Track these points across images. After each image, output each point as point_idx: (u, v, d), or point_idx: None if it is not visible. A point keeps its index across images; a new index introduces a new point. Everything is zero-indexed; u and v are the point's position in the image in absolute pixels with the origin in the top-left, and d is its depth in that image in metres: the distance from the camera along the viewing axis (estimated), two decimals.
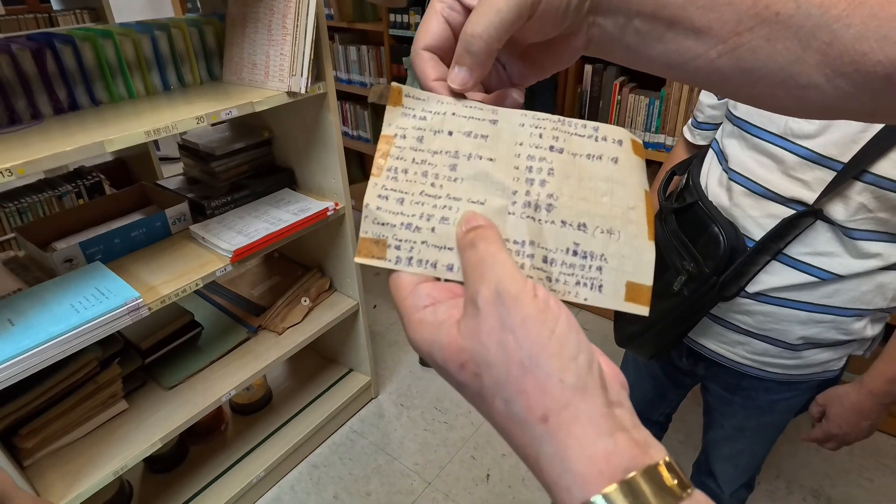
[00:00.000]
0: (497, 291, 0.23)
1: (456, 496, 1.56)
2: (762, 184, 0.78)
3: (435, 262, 0.27)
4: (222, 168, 1.42)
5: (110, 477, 1.14)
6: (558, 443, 0.21)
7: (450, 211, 0.28)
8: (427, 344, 0.25)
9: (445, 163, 0.29)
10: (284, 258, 1.80)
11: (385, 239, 0.27)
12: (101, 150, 0.93)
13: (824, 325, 0.80)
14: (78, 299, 1.02)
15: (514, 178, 0.29)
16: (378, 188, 0.28)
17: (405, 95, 0.30)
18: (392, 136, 0.29)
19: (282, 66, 1.19)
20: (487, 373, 0.22)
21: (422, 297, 0.26)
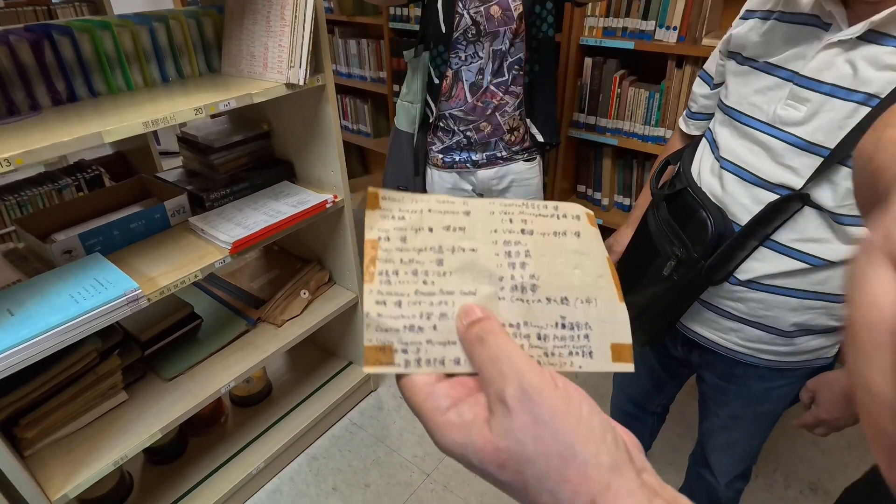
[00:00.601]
0: (522, 388, 0.24)
1: (455, 488, 1.57)
2: (751, 171, 0.79)
3: (442, 359, 0.28)
4: (221, 160, 1.42)
5: (110, 467, 1.15)
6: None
7: (447, 306, 0.29)
8: (459, 447, 0.25)
9: (432, 259, 0.30)
10: (284, 251, 1.80)
11: (391, 344, 0.28)
12: (99, 140, 0.93)
13: (816, 312, 0.81)
14: (77, 290, 1.02)
15: (497, 265, 0.31)
16: (374, 294, 0.29)
17: (381, 198, 0.31)
18: (377, 240, 0.30)
19: (280, 58, 1.19)
20: (529, 469, 0.23)
21: (441, 398, 0.26)
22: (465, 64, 1.46)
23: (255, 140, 1.49)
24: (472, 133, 1.54)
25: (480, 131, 1.53)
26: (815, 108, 0.71)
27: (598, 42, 1.80)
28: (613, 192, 2.10)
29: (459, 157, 1.59)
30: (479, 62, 1.45)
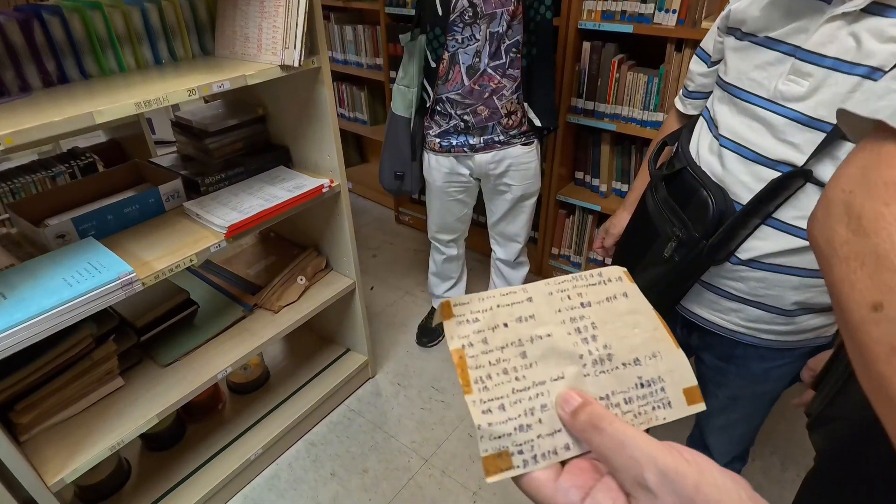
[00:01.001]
0: (661, 471, 0.25)
1: (453, 473, 1.57)
2: (752, 148, 0.78)
3: (555, 450, 0.29)
4: (216, 145, 1.41)
5: (107, 452, 1.14)
6: None
7: (544, 397, 0.31)
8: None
9: (516, 353, 0.32)
10: (280, 238, 1.79)
11: (506, 450, 0.29)
12: (90, 121, 0.91)
13: (817, 290, 0.80)
14: (70, 273, 1.01)
15: (573, 343, 0.33)
16: (478, 405, 0.30)
17: (454, 305, 0.33)
18: (461, 349, 0.32)
19: (275, 39, 1.17)
20: None
21: (571, 491, 0.27)
22: (461, 47, 1.44)
23: (250, 124, 1.48)
24: (470, 117, 1.52)
25: (478, 115, 1.52)
26: (818, 83, 0.70)
27: (596, 26, 1.78)
28: (612, 179, 2.09)
29: (457, 142, 1.58)
30: (475, 45, 1.43)
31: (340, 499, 1.51)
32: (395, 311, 2.23)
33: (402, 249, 2.66)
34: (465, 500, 1.50)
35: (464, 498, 1.50)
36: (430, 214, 1.85)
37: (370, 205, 3.06)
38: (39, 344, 0.96)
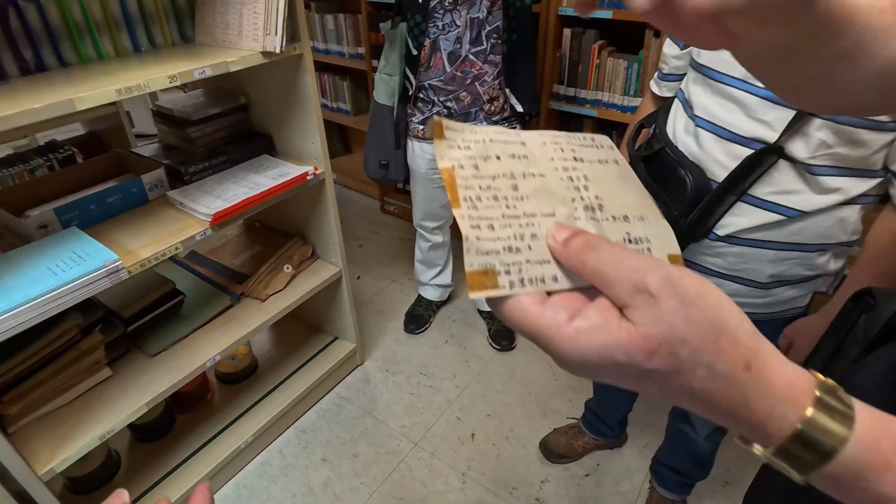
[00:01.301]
0: (665, 276, 0.25)
1: (442, 455, 1.60)
2: (727, 127, 0.81)
3: (542, 278, 0.28)
4: (199, 134, 1.40)
5: (96, 441, 1.15)
6: (763, 382, 0.24)
7: (533, 227, 0.30)
8: (600, 349, 0.24)
9: (507, 185, 0.31)
10: (265, 227, 1.79)
11: (493, 268, 0.28)
12: (71, 107, 0.91)
13: (792, 262, 0.84)
14: (55, 262, 1.01)
15: (565, 188, 0.32)
16: (467, 219, 0.29)
17: (445, 128, 0.32)
18: (451, 168, 0.31)
19: (255, 26, 1.17)
20: (683, 348, 0.24)
21: (559, 309, 0.26)
22: (442, 33, 1.45)
23: (232, 113, 1.47)
24: (452, 103, 1.54)
25: (460, 101, 1.53)
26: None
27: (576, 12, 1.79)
28: None
29: None
30: (456, 31, 1.44)
31: (332, 483, 1.53)
32: (382, 300, 2.25)
33: (387, 239, 2.67)
34: (454, 480, 1.53)
35: (453, 478, 1.53)
36: (415, 202, 1.86)
37: (355, 195, 3.06)
38: (25, 334, 0.96)
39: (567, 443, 1.56)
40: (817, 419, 0.23)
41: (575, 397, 1.77)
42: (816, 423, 0.23)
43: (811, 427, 0.23)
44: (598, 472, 1.55)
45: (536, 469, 1.56)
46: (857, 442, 0.23)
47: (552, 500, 1.48)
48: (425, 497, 1.49)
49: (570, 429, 1.59)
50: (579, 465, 1.56)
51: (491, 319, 2.05)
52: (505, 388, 1.82)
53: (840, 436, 0.23)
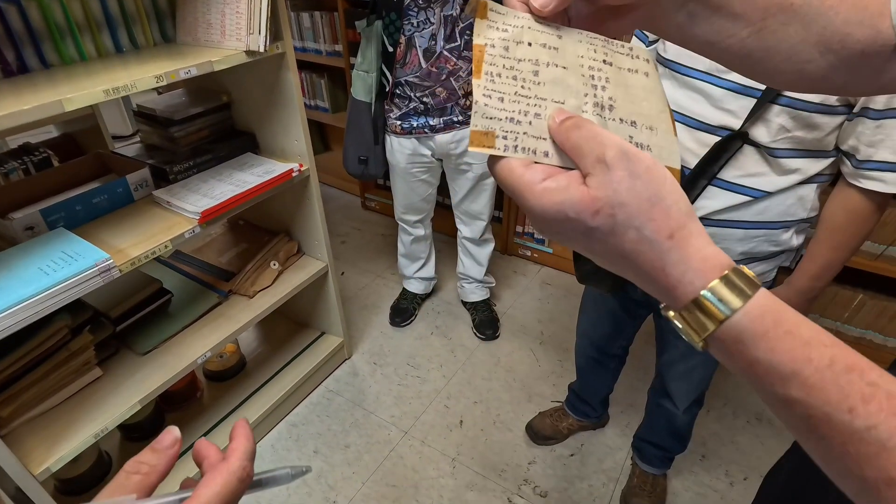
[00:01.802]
0: (622, 150, 0.29)
1: (432, 442, 1.64)
2: (695, 117, 0.87)
3: (535, 150, 0.32)
4: (182, 133, 1.41)
5: (91, 440, 1.16)
6: (681, 251, 0.28)
7: (540, 108, 0.33)
8: (556, 205, 0.29)
9: (529, 69, 0.34)
10: (250, 224, 1.80)
11: (493, 131, 0.32)
12: (59, 109, 0.92)
13: (759, 240, 0.91)
14: (46, 262, 1.01)
15: (583, 83, 0.35)
16: (482, 88, 0.33)
17: (490, 10, 0.35)
18: (483, 46, 0.34)
19: (238, 25, 1.19)
20: (621, 211, 0.28)
21: (537, 172, 0.31)
22: (417, 30, 1.48)
23: (215, 112, 1.48)
24: (429, 98, 1.57)
25: (436, 96, 1.57)
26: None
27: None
28: None
29: (417, 123, 1.63)
30: (430, 28, 1.47)
31: (325, 474, 1.56)
32: (367, 294, 2.28)
33: (370, 234, 2.70)
34: (445, 465, 1.57)
35: (444, 464, 1.58)
36: (396, 196, 1.89)
37: (336, 192, 3.07)
38: (15, 337, 0.97)
39: (552, 425, 1.62)
40: (717, 289, 0.27)
41: (558, 381, 1.83)
42: (716, 291, 0.27)
43: (711, 294, 0.27)
44: (582, 451, 1.61)
45: (523, 451, 1.61)
46: (744, 313, 0.27)
47: (539, 481, 1.53)
48: (417, 483, 1.53)
49: (555, 412, 1.65)
50: (564, 446, 1.63)
51: (475, 310, 2.10)
52: (490, 376, 1.87)
53: (732, 305, 0.27)
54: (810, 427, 0.26)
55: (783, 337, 0.26)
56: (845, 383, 0.25)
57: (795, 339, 0.26)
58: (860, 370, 0.25)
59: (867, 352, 2.04)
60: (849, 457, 0.25)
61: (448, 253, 2.45)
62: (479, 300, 2.09)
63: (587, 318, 1.37)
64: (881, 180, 0.80)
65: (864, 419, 0.24)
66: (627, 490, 1.46)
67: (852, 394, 0.25)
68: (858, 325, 1.78)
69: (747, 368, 0.27)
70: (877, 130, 0.77)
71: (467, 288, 2.09)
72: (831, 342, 0.26)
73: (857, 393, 0.25)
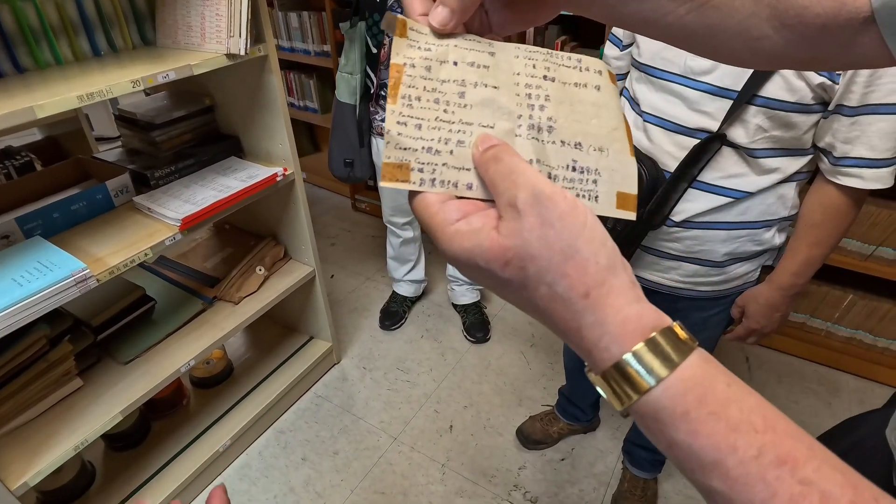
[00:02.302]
0: (534, 194, 0.26)
1: (421, 447, 1.63)
2: (672, 120, 0.86)
3: (456, 182, 0.29)
4: (164, 137, 1.39)
5: (71, 453, 1.13)
6: (598, 312, 0.25)
7: (464, 135, 0.30)
8: (466, 251, 0.27)
9: (454, 90, 0.31)
10: (236, 229, 1.78)
11: (408, 163, 0.29)
12: (31, 115, 0.89)
13: (742, 240, 0.90)
14: (20, 273, 0.99)
15: (517, 104, 0.32)
16: (396, 115, 0.30)
17: (409, 28, 0.31)
18: (402, 65, 0.31)
19: (219, 28, 1.16)
20: (532, 264, 0.25)
21: (451, 211, 0.28)
22: None
23: (198, 115, 1.46)
24: None
25: None
26: None
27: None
28: None
29: None
30: None
31: (313, 481, 1.54)
32: (356, 297, 2.26)
33: (360, 236, 2.68)
34: (434, 472, 1.56)
35: (433, 470, 1.56)
36: (383, 199, 1.87)
37: (326, 193, 3.05)
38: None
39: (542, 429, 1.61)
40: (641, 355, 0.24)
41: (549, 385, 1.82)
42: (640, 357, 0.24)
43: (634, 360, 0.24)
44: (573, 455, 1.60)
45: (514, 456, 1.60)
46: (665, 387, 0.23)
47: (530, 486, 1.52)
48: (406, 490, 1.51)
49: (545, 415, 1.64)
50: (555, 450, 1.61)
51: (465, 313, 2.08)
52: (481, 379, 1.85)
53: (654, 376, 0.24)
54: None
55: (706, 419, 0.23)
56: (773, 479, 0.21)
57: (720, 421, 0.23)
58: (793, 464, 0.22)
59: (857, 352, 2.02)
60: None
61: (438, 255, 2.43)
62: (469, 302, 2.08)
63: None
64: (859, 176, 0.80)
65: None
66: (618, 494, 1.45)
67: (780, 492, 0.21)
68: (849, 326, 1.77)
69: (666, 448, 0.24)
70: (852, 127, 0.77)
71: (458, 290, 2.08)
72: (764, 427, 0.22)
73: (786, 493, 0.21)
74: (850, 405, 1.72)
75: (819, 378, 1.81)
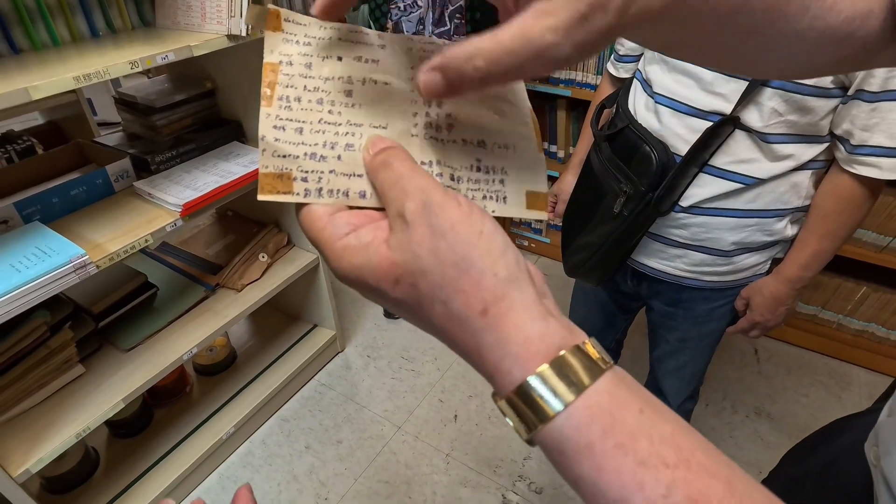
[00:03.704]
0: (423, 202, 0.23)
1: (426, 437, 1.61)
2: (685, 102, 0.83)
3: (346, 191, 0.27)
4: (164, 122, 1.36)
5: (73, 440, 1.13)
6: (498, 331, 0.22)
7: (353, 137, 0.27)
8: (355, 269, 0.24)
9: (340, 89, 0.28)
10: (238, 216, 1.75)
11: (289, 172, 0.26)
12: (25, 97, 0.87)
13: (751, 229, 0.87)
14: (18, 259, 0.97)
15: (411, 101, 0.29)
16: (272, 119, 0.27)
17: (284, 20, 0.28)
18: (277, 64, 0.27)
19: (219, 7, 1.13)
20: (423, 281, 0.23)
21: (340, 225, 0.25)
22: (404, 14, 1.42)
23: (199, 99, 1.42)
24: None
25: None
26: None
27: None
28: (569, 145, 2.13)
29: None
30: (418, 12, 1.42)
31: (316, 470, 1.53)
32: None
33: None
34: (438, 461, 1.55)
35: (437, 460, 1.55)
36: None
37: None
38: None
39: None
40: (540, 381, 0.21)
41: None
42: (545, 380, 0.21)
43: (538, 382, 0.21)
44: None
45: (518, 447, 1.59)
46: (569, 416, 0.21)
47: (535, 476, 1.51)
48: (410, 479, 1.51)
49: None
50: None
51: None
52: None
53: (561, 400, 0.21)
54: None
55: (612, 452, 0.20)
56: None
57: (627, 456, 0.20)
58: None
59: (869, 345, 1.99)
60: None
61: None
62: None
63: (578, 313, 1.33)
64: (876, 166, 0.77)
65: None
66: None
67: None
68: (861, 318, 1.74)
69: (571, 482, 0.22)
70: (872, 114, 0.73)
71: None
72: (676, 461, 0.20)
73: None
74: (860, 399, 1.69)
75: (829, 371, 1.79)
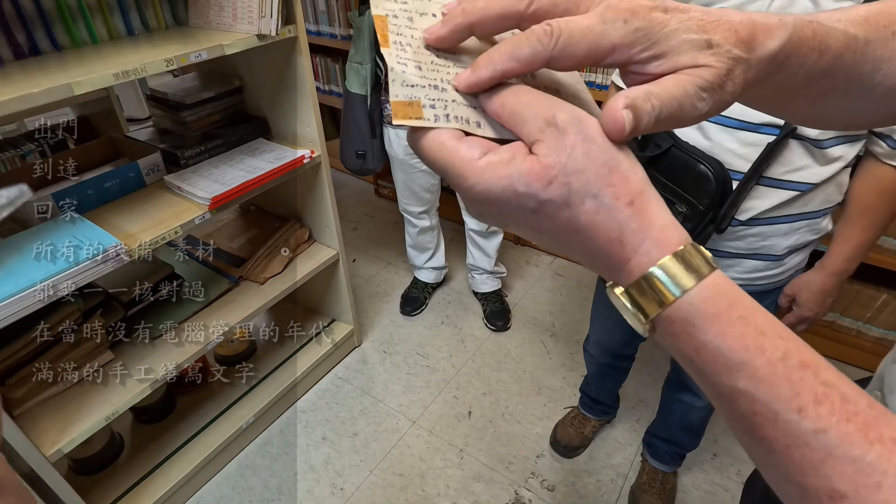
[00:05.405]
0: (572, 113, 0.26)
1: (440, 432, 1.64)
2: (734, 116, 0.83)
3: (468, 119, 0.28)
4: (194, 118, 1.40)
5: (101, 422, 1.17)
6: (641, 219, 0.26)
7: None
8: (503, 179, 0.26)
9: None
10: (261, 211, 1.79)
11: (418, 100, 0.28)
12: (68, 92, 0.91)
13: (802, 230, 0.89)
14: (58, 247, 1.02)
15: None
16: (395, 57, 0.29)
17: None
18: (384, 16, 0.30)
19: (250, 8, 1.17)
20: (577, 178, 0.26)
21: (475, 147, 0.27)
22: None
23: (227, 96, 1.47)
24: None
25: None
26: None
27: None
28: None
29: None
30: None
31: (333, 460, 1.57)
32: (377, 282, 2.27)
33: (382, 222, 2.68)
34: (452, 456, 1.57)
35: (451, 454, 1.57)
36: (398, 188, 1.88)
37: (349, 178, 3.06)
38: (27, 320, 0.97)
39: (577, 433, 1.57)
40: (671, 265, 0.25)
41: (568, 375, 1.81)
42: (670, 267, 0.25)
43: (661, 272, 0.25)
44: (591, 446, 1.60)
45: (532, 444, 1.60)
46: (697, 291, 0.25)
47: (547, 474, 1.52)
48: (424, 472, 1.53)
49: (573, 419, 1.60)
50: None
51: (486, 301, 2.08)
52: (500, 367, 1.86)
53: (684, 285, 0.25)
54: (754, 425, 0.24)
55: (736, 322, 0.24)
56: (798, 380, 0.23)
57: (749, 325, 0.24)
58: (815, 368, 0.23)
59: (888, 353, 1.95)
60: (792, 462, 0.23)
61: (459, 241, 2.42)
62: (490, 290, 2.08)
63: (601, 326, 1.32)
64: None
65: (813, 421, 0.22)
66: (636, 486, 1.45)
67: (804, 392, 0.23)
68: (881, 326, 1.73)
69: (693, 354, 0.25)
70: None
71: (478, 279, 2.07)
72: (788, 335, 0.24)
73: (810, 392, 0.23)
74: None
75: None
